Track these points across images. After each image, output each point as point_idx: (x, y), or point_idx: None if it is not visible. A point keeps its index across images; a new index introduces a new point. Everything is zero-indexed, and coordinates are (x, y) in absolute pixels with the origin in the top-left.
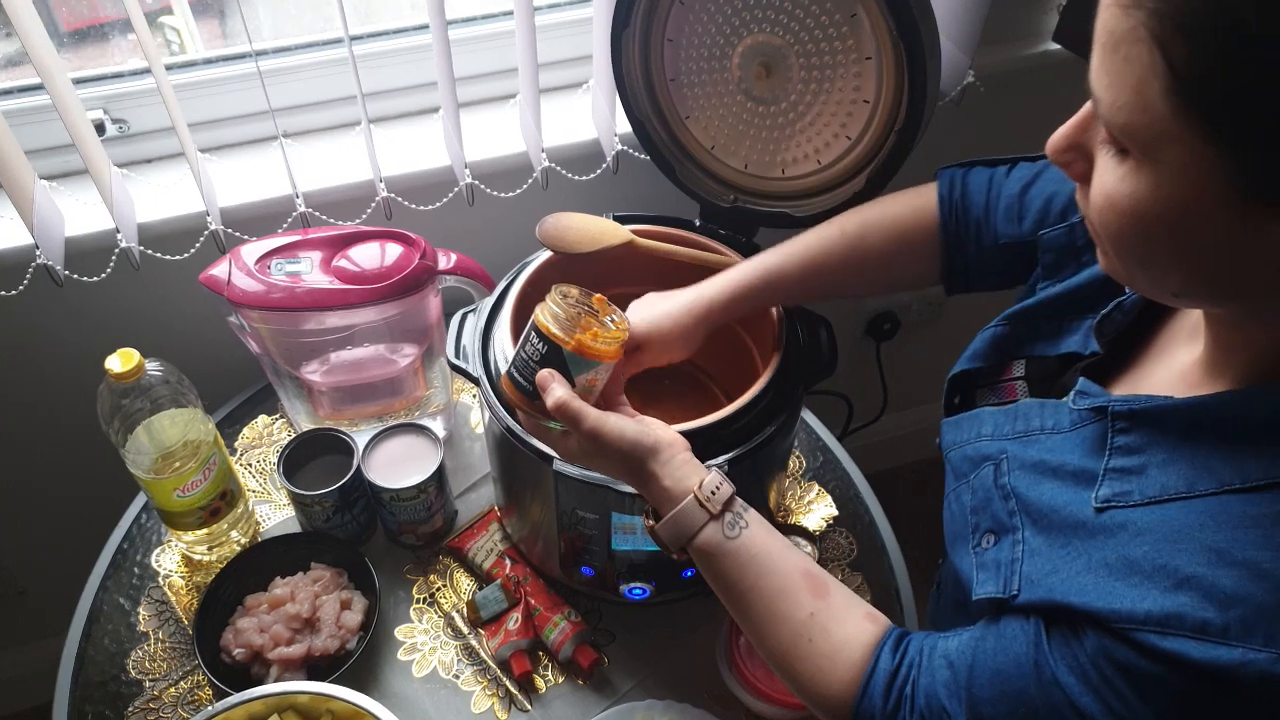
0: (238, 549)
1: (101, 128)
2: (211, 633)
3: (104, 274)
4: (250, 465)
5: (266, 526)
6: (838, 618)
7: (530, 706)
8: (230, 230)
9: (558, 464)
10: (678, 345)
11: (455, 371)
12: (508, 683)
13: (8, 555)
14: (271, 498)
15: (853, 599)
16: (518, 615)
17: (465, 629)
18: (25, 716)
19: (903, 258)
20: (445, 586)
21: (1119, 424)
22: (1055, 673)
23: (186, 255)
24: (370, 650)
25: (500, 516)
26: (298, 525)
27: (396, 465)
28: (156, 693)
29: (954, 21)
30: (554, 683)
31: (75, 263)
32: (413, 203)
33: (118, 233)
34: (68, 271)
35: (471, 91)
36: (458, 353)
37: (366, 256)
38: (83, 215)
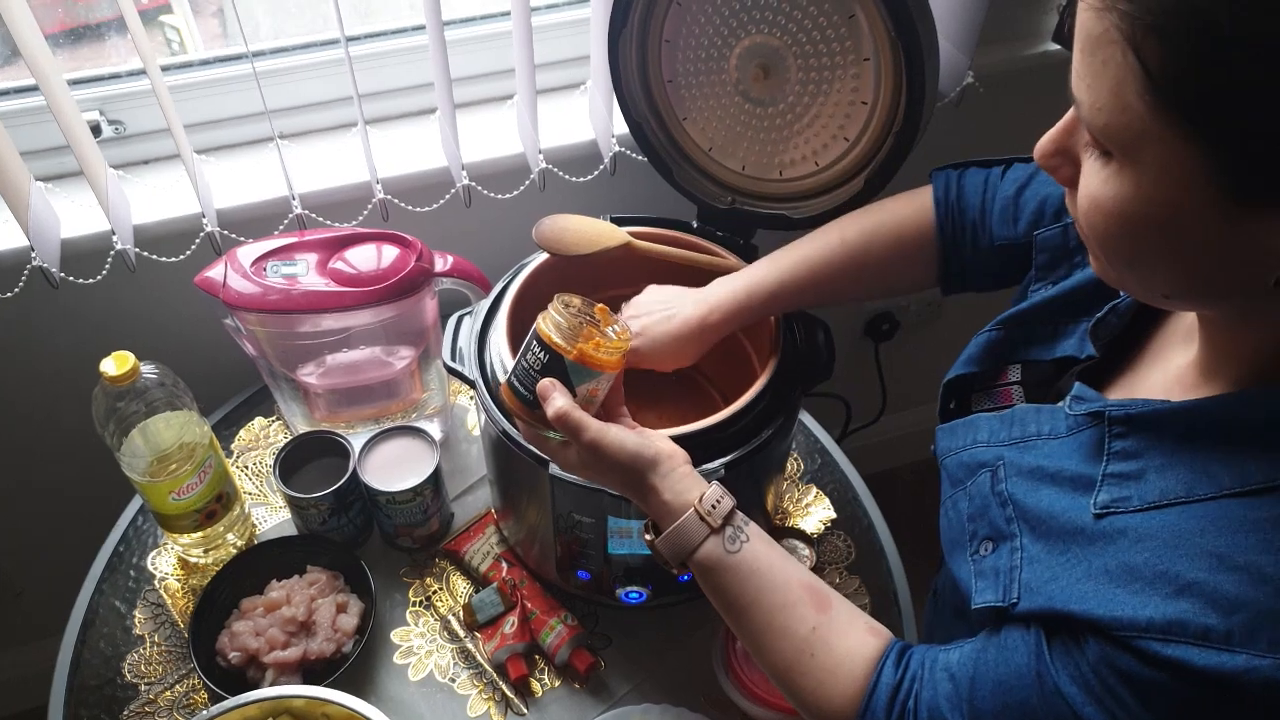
0: (234, 552)
1: (97, 129)
2: (207, 636)
3: (99, 276)
4: (246, 468)
5: (263, 529)
6: (840, 632)
7: (526, 710)
8: (226, 232)
9: (554, 468)
10: (685, 359)
11: (451, 374)
12: (504, 686)
13: (5, 557)
14: (268, 500)
15: (855, 613)
16: (514, 619)
17: (461, 632)
18: (22, 718)
19: (902, 263)
20: (441, 589)
21: (1116, 429)
22: (1057, 683)
23: (182, 257)
24: (366, 653)
25: (497, 519)
26: (294, 528)
27: (393, 468)
28: (152, 696)
29: (953, 22)
30: (550, 686)
31: (70, 265)
32: (409, 204)
33: (113, 235)
34: (63, 274)
35: (468, 92)
36: (454, 355)
37: (363, 258)
38: (78, 217)
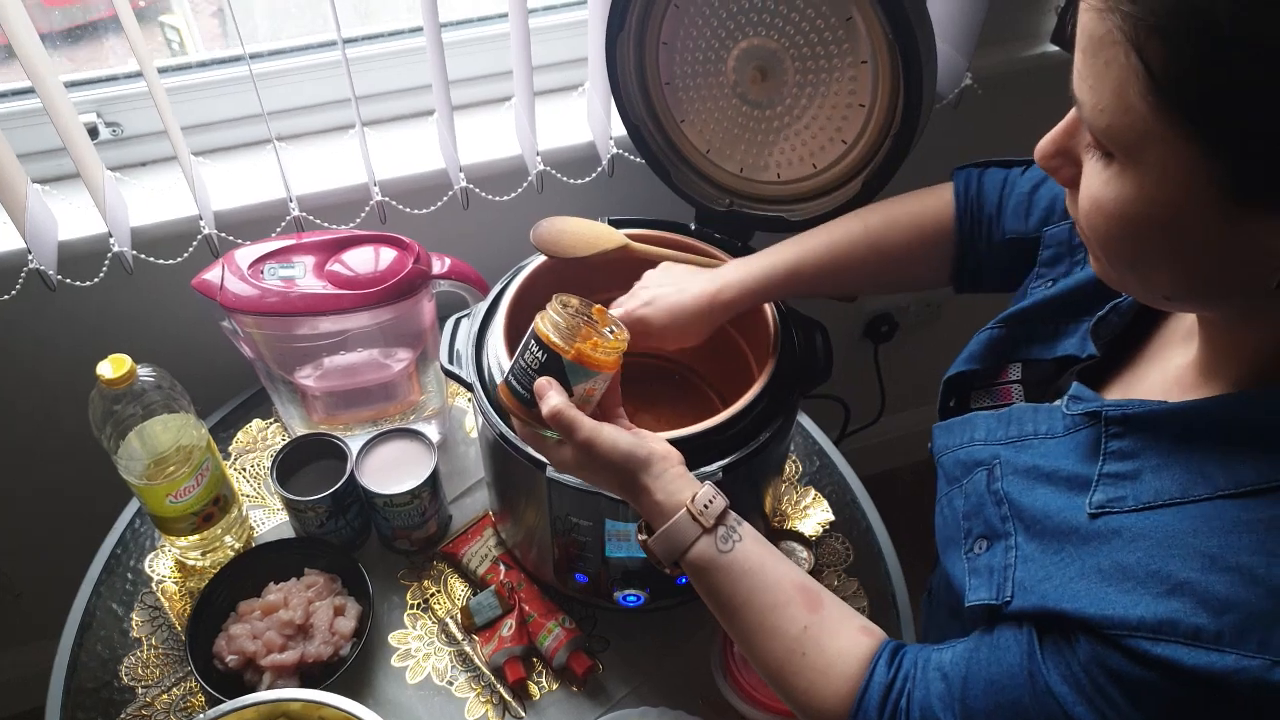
0: (231, 554)
1: (95, 131)
2: (204, 639)
3: (97, 278)
4: (244, 470)
5: (260, 531)
6: (832, 631)
7: (524, 713)
8: (224, 234)
9: (551, 470)
10: (692, 336)
11: (449, 377)
12: (501, 689)
13: (3, 558)
14: (265, 502)
15: (848, 612)
16: (512, 621)
17: (459, 635)
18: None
19: (921, 253)
20: (439, 592)
21: (1112, 429)
22: (1049, 682)
23: (179, 260)
24: (364, 656)
25: (494, 522)
26: (291, 530)
27: (390, 470)
28: (149, 699)
29: (951, 24)
30: (548, 689)
31: (68, 267)
32: (407, 206)
33: (110, 237)
34: (60, 276)
35: (466, 94)
36: (451, 358)
37: (360, 261)
38: (75, 219)
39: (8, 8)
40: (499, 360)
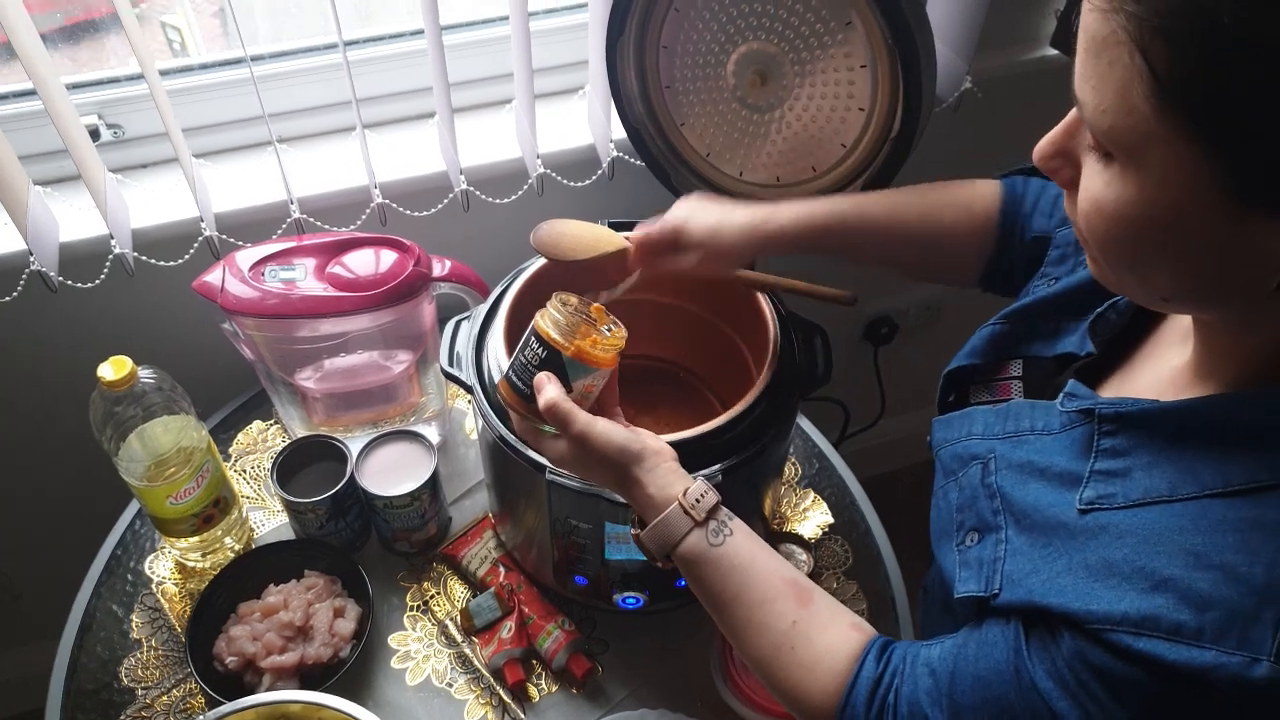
0: (231, 556)
1: (96, 133)
2: (204, 640)
3: (98, 280)
4: (244, 471)
5: (260, 533)
6: (821, 626)
7: (524, 715)
8: (225, 236)
9: (551, 472)
10: (726, 262)
11: (449, 379)
12: (501, 692)
13: (3, 559)
14: (266, 504)
15: (838, 608)
16: (511, 624)
17: (459, 637)
18: None
19: (964, 236)
20: (439, 594)
21: (1105, 426)
22: (1033, 677)
23: (180, 262)
24: (363, 658)
25: (494, 524)
26: (291, 532)
27: (390, 472)
28: (149, 701)
29: (951, 27)
30: (547, 692)
31: (69, 269)
32: (407, 209)
33: (111, 239)
34: (61, 278)
35: (467, 97)
36: (451, 360)
37: (361, 263)
38: (77, 221)
39: (8, 8)
40: (499, 362)
